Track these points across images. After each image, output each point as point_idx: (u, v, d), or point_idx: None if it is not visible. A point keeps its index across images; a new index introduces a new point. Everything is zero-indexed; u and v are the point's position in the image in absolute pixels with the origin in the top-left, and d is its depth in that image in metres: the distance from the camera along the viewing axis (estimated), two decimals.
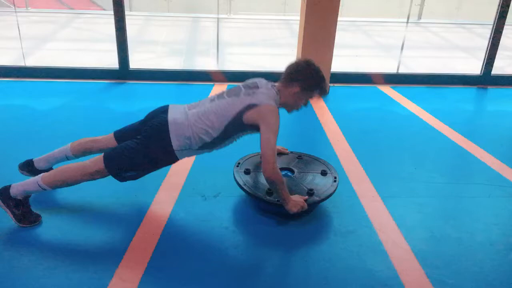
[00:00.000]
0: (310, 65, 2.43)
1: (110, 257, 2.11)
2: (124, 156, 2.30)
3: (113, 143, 2.49)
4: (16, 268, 2.01)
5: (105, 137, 2.54)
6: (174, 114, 2.35)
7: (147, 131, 2.35)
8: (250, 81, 2.48)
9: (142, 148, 2.30)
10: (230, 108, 2.32)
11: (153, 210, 2.50)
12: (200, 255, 2.16)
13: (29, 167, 2.58)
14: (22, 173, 2.59)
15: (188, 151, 2.35)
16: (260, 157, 2.26)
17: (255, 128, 2.32)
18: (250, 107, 2.29)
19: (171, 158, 2.36)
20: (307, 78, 2.40)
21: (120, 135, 2.51)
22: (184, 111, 2.38)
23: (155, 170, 2.43)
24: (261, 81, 2.44)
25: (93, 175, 2.29)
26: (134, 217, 2.42)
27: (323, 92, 2.45)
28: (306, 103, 2.49)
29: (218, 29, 7.97)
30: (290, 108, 2.49)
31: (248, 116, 2.29)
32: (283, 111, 2.46)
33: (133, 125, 2.52)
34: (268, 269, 2.11)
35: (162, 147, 2.30)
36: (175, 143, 2.29)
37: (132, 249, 2.17)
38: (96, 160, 2.29)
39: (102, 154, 2.31)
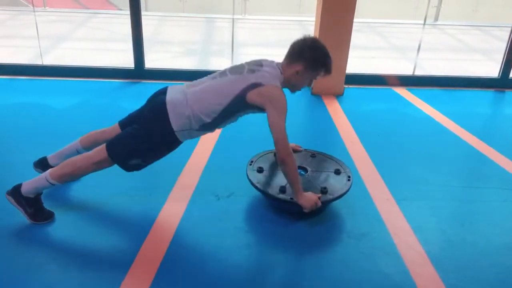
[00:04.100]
0: (315, 43, 2.34)
1: (123, 255, 2.12)
2: (126, 141, 2.29)
3: (118, 132, 2.49)
4: (29, 265, 2.03)
5: (112, 127, 2.55)
6: (172, 94, 2.31)
7: (146, 114, 2.35)
8: (255, 59, 2.42)
9: (143, 132, 2.29)
10: (232, 86, 2.26)
11: (167, 209, 2.51)
12: (213, 254, 2.16)
13: (43, 165, 2.61)
14: (37, 171, 2.62)
15: (189, 131, 2.30)
16: (274, 152, 2.22)
17: (259, 108, 2.27)
18: (254, 86, 2.22)
19: (171, 140, 2.31)
20: (312, 57, 2.31)
21: (124, 123, 2.52)
22: (182, 90, 2.33)
23: (158, 156, 2.37)
24: (266, 60, 2.38)
25: (98, 164, 2.27)
26: (147, 217, 2.43)
27: (328, 71, 2.33)
28: (310, 83, 2.42)
29: (233, 29, 7.98)
30: (293, 87, 2.41)
31: (252, 96, 2.23)
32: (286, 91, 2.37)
33: (136, 111, 2.52)
34: (281, 270, 2.10)
35: (162, 129, 2.26)
36: (175, 124, 2.25)
37: (145, 248, 2.17)
38: (99, 149, 2.28)
39: (105, 143, 2.31)
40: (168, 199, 2.60)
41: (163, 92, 2.37)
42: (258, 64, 2.34)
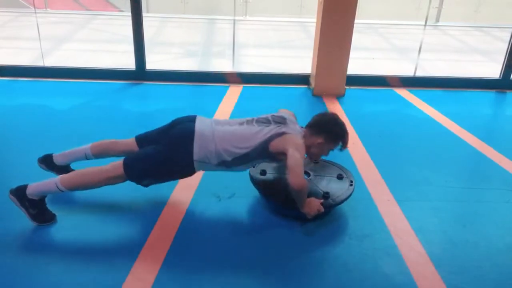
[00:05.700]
0: (336, 120, 2.49)
1: (125, 255, 2.12)
2: (144, 163, 2.33)
3: (133, 147, 2.52)
4: (32, 266, 2.04)
5: (126, 140, 2.57)
6: (202, 126, 2.38)
7: (171, 137, 2.38)
8: (278, 114, 2.52)
9: (163, 155, 2.32)
10: (259, 135, 2.36)
11: (168, 210, 2.51)
12: (213, 255, 2.16)
13: (47, 161, 2.63)
14: (41, 167, 2.64)
15: (206, 164, 2.37)
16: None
17: (278, 155, 2.34)
18: (279, 134, 2.34)
19: (189, 168, 2.37)
20: (332, 132, 2.45)
21: (142, 140, 2.53)
22: (211, 125, 2.41)
23: (171, 179, 2.49)
24: (289, 118, 2.50)
25: (112, 180, 2.32)
26: (149, 217, 2.43)
27: (344, 146, 2.49)
28: (327, 154, 2.52)
29: (234, 30, 7.98)
30: (311, 155, 2.50)
31: (276, 143, 2.33)
32: None
33: (156, 131, 2.54)
34: (282, 271, 2.10)
35: (183, 156, 2.32)
36: (197, 154, 2.31)
37: (147, 248, 2.18)
38: (116, 166, 2.31)
39: (122, 159, 2.33)
40: (170, 200, 2.60)
41: (192, 120, 2.43)
42: (283, 121, 2.44)
